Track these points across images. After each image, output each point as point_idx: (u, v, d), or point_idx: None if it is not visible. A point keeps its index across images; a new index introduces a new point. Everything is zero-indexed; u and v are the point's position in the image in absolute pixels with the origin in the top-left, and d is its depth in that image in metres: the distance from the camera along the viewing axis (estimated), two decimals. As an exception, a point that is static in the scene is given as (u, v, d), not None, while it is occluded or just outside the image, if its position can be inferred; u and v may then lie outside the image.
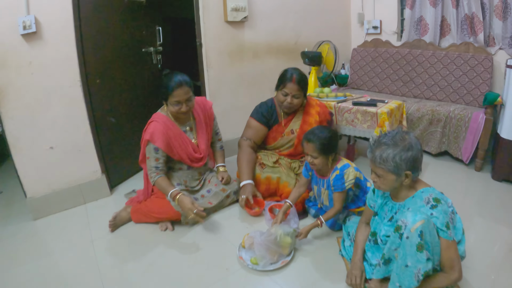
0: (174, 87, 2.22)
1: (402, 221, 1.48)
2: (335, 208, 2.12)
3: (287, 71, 2.56)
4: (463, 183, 2.97)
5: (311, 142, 2.09)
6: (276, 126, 2.70)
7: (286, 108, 2.60)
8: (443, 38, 3.76)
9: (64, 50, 2.41)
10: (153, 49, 3.18)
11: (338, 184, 2.11)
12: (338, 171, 2.12)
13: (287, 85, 2.51)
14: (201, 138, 2.53)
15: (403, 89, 3.87)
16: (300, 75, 2.54)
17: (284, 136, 2.70)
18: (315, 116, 2.68)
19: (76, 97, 2.52)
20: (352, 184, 2.13)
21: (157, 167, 2.31)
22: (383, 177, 1.62)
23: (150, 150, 2.29)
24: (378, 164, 1.60)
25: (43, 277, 1.96)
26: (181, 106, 2.28)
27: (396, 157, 1.54)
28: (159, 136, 2.27)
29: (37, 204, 2.51)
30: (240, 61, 3.46)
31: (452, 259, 1.53)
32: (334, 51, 3.53)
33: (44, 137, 2.45)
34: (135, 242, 2.27)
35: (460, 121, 3.09)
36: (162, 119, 2.33)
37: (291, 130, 2.69)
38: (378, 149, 1.60)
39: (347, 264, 1.99)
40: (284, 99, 2.54)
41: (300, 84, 2.51)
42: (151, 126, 2.30)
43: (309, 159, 2.13)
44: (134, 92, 3.04)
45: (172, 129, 2.35)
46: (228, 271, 1.99)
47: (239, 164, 2.63)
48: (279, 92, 2.57)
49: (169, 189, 2.25)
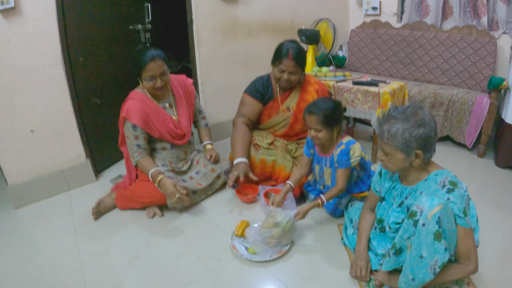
0: (147, 61, 2.12)
1: (417, 206, 1.33)
2: (338, 187, 1.99)
3: (283, 45, 2.39)
4: (466, 169, 2.88)
5: (313, 114, 1.96)
6: (272, 103, 2.56)
7: (283, 86, 2.47)
8: (445, 20, 3.64)
9: (44, 27, 2.27)
10: (141, 26, 3.02)
11: (343, 159, 1.99)
12: (344, 146, 2.01)
13: (283, 61, 2.35)
14: (182, 115, 2.43)
15: (403, 72, 3.74)
16: (297, 50, 2.37)
17: (280, 114, 2.55)
18: (313, 94, 2.53)
19: (57, 77, 2.38)
20: (358, 162, 2.01)
21: (138, 145, 2.21)
22: (390, 155, 1.46)
23: (128, 128, 2.19)
24: (386, 139, 1.44)
25: (25, 268, 1.86)
26: (156, 81, 2.19)
27: (405, 133, 1.38)
28: (135, 112, 2.17)
29: (19, 191, 2.41)
30: (233, 39, 3.31)
31: (469, 249, 1.41)
32: (333, 30, 3.38)
33: (24, 120, 2.32)
34: (120, 230, 2.15)
35: (463, 105, 2.97)
36: (138, 96, 2.25)
37: (287, 107, 2.55)
38: (387, 123, 1.44)
39: (350, 254, 1.85)
40: (281, 76, 2.40)
41: (297, 60, 2.35)
42: (127, 103, 2.22)
43: (312, 133, 2.00)
44: (120, 72, 2.89)
45: (149, 105, 2.25)
46: (219, 262, 1.86)
47: (233, 143, 2.47)
48: (275, 68, 2.42)
49: (150, 169, 2.15)
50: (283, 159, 2.47)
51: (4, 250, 2.01)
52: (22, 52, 2.20)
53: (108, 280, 1.76)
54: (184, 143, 2.42)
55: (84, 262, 1.88)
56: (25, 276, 1.80)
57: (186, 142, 2.43)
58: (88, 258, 1.91)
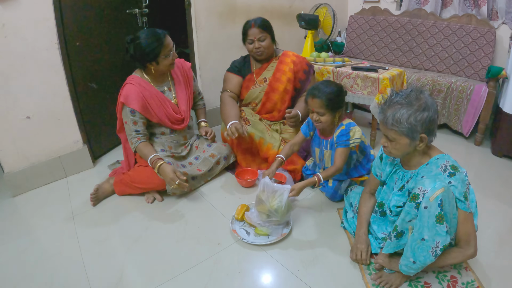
0: (162, 38, 2.12)
1: (420, 189, 1.33)
2: (336, 165, 1.98)
3: (248, 21, 2.56)
4: (463, 157, 2.88)
5: (317, 97, 1.93)
6: (249, 75, 2.67)
7: (258, 55, 2.57)
8: (445, 8, 3.62)
9: (40, 10, 2.20)
10: (138, 10, 2.96)
11: (342, 139, 1.98)
12: (344, 127, 2.00)
13: (249, 32, 2.51)
14: (181, 99, 2.41)
15: (401, 59, 3.73)
16: (259, 19, 2.53)
17: (257, 85, 2.64)
18: (290, 64, 2.61)
19: (53, 61, 2.33)
20: (357, 144, 2.01)
21: (137, 130, 2.19)
22: (395, 141, 1.45)
23: (127, 113, 2.16)
24: (390, 126, 1.42)
25: (23, 256, 1.83)
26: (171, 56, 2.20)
27: (411, 118, 1.37)
28: (134, 97, 2.14)
29: (16, 179, 2.36)
30: (232, 23, 3.27)
31: (469, 233, 1.42)
32: (333, 15, 3.34)
33: (20, 106, 2.26)
34: (119, 216, 2.13)
35: (461, 93, 2.97)
36: (136, 81, 2.21)
37: (264, 78, 2.64)
38: (391, 109, 1.42)
39: (350, 237, 1.86)
40: (252, 47, 2.54)
41: (261, 26, 2.50)
42: (125, 88, 2.18)
43: (315, 116, 1.98)
44: (117, 56, 2.83)
45: (148, 89, 2.22)
46: (220, 246, 1.86)
47: (223, 112, 2.56)
48: (246, 44, 2.57)
49: (150, 155, 2.13)
50: (271, 137, 2.50)
51: (2, 238, 1.98)
52: (18, 37, 2.15)
53: (109, 266, 1.75)
54: (183, 127, 2.40)
55: (83, 248, 1.86)
56: (24, 264, 1.77)
57: (185, 126, 2.41)
58: (88, 245, 1.89)
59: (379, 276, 1.59)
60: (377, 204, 1.70)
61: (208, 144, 2.50)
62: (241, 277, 1.66)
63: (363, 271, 1.65)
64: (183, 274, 1.68)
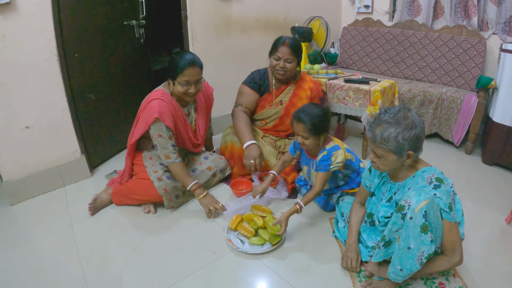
0: (186, 66, 2.07)
1: (405, 200, 1.39)
2: (314, 190, 1.98)
3: (281, 37, 2.50)
4: (454, 166, 2.94)
5: (301, 121, 1.96)
6: (267, 95, 2.63)
7: (279, 74, 2.51)
8: (436, 20, 3.69)
9: (40, 22, 2.23)
10: (135, 22, 3.00)
11: (323, 164, 1.99)
12: (326, 152, 2.00)
13: (280, 49, 2.44)
14: (200, 124, 2.43)
15: (393, 70, 3.80)
16: (293, 40, 2.48)
17: (273, 106, 2.62)
18: (307, 91, 2.60)
19: (52, 73, 2.35)
20: (340, 167, 2.02)
21: (174, 145, 2.17)
22: (383, 158, 1.50)
23: (161, 128, 2.11)
24: (379, 144, 1.48)
25: (23, 265, 1.84)
26: (190, 87, 2.13)
27: (398, 137, 1.42)
28: (168, 115, 2.11)
29: (14, 188, 2.37)
30: (227, 36, 3.33)
31: (454, 242, 1.47)
32: (326, 27, 3.42)
33: (19, 116, 2.29)
34: (117, 226, 2.16)
35: (452, 103, 3.03)
36: (167, 98, 2.16)
37: (280, 101, 2.62)
38: (379, 127, 1.48)
39: (341, 246, 1.91)
40: (277, 64, 2.47)
41: (293, 48, 2.44)
42: (157, 103, 2.10)
43: (300, 139, 2.01)
44: (115, 68, 2.88)
45: (177, 110, 2.21)
46: (216, 255, 1.90)
47: (237, 129, 2.54)
48: (272, 57, 2.50)
49: (189, 181, 2.19)
50: (268, 154, 2.55)
51: (1, 247, 1.98)
52: (17, 48, 2.17)
53: (108, 274, 1.77)
54: (198, 151, 2.44)
55: (82, 257, 1.88)
56: (23, 273, 1.78)
57: (199, 151, 2.46)
58: (87, 254, 1.91)
59: (369, 283, 1.64)
60: (367, 214, 1.76)
61: (204, 156, 2.52)
62: (237, 285, 1.71)
63: (354, 278, 1.70)
64: (180, 282, 1.71)
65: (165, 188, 2.18)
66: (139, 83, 2.36)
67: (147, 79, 3.27)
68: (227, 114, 2.74)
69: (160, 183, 2.18)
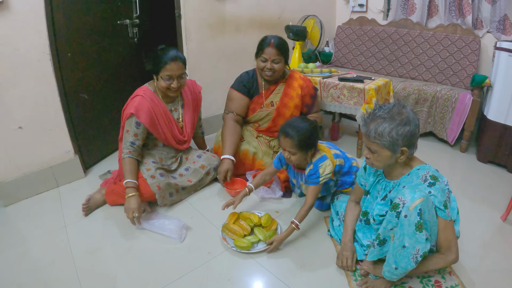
0: (168, 61, 2.13)
1: (400, 198, 1.38)
2: (307, 204, 1.93)
3: (266, 37, 2.47)
4: (448, 164, 2.95)
5: (288, 137, 1.89)
6: (257, 97, 2.61)
7: (267, 76, 2.49)
8: (431, 18, 3.69)
9: (32, 22, 2.21)
10: (129, 21, 2.98)
11: (311, 178, 1.95)
12: (312, 166, 1.95)
13: (266, 50, 2.42)
14: (187, 121, 2.43)
15: (388, 68, 3.80)
16: (279, 40, 2.45)
17: (264, 108, 2.60)
18: (297, 90, 2.58)
19: (45, 72, 2.33)
20: (329, 177, 1.97)
21: (133, 143, 2.18)
22: (377, 153, 1.50)
23: (131, 124, 2.16)
24: (373, 139, 1.47)
25: (16, 267, 1.83)
26: (172, 82, 2.18)
27: (392, 132, 1.42)
28: (145, 111, 2.16)
29: (8, 189, 2.35)
30: (221, 35, 3.32)
31: (449, 240, 1.46)
32: (320, 26, 3.41)
33: (12, 117, 2.26)
34: (111, 226, 2.14)
35: (446, 101, 3.04)
36: (148, 95, 2.21)
37: (271, 102, 2.59)
38: (373, 122, 1.47)
39: (336, 245, 1.91)
40: (264, 66, 2.45)
41: (279, 48, 2.41)
42: (136, 100, 2.17)
43: (286, 154, 1.95)
44: (108, 67, 2.86)
45: (158, 106, 2.24)
46: (210, 255, 1.89)
47: (222, 138, 2.52)
48: (259, 59, 2.48)
49: (128, 177, 2.13)
50: (264, 154, 2.55)
51: None
52: (10, 47, 2.15)
53: (102, 275, 1.76)
54: (184, 148, 2.45)
55: (76, 258, 1.86)
56: (17, 274, 1.77)
57: (186, 148, 2.46)
58: (81, 254, 1.89)
59: (364, 282, 1.64)
60: (362, 213, 1.76)
61: (198, 155, 2.52)
62: (231, 285, 1.70)
63: (349, 277, 1.70)
64: (174, 283, 1.70)
65: (158, 185, 2.18)
66: (133, 82, 2.35)
67: (141, 79, 3.24)
68: (220, 114, 2.73)
69: (153, 180, 2.18)
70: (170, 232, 1.98)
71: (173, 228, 1.98)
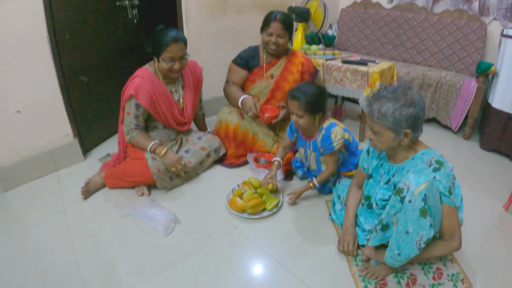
0: (170, 42, 2.08)
1: (404, 183, 1.35)
2: (329, 170, 2.01)
3: (272, 12, 2.50)
4: (451, 151, 2.92)
5: (296, 99, 1.91)
6: (257, 69, 2.64)
7: (272, 50, 2.54)
8: (436, 3, 3.62)
9: (29, 4, 2.15)
10: (128, 2, 2.93)
11: (326, 144, 1.97)
12: (324, 131, 1.98)
13: (271, 25, 2.45)
14: (188, 102, 2.41)
15: (392, 53, 3.75)
16: (284, 15, 2.48)
17: (263, 79, 2.62)
18: (298, 66, 2.61)
19: (43, 55, 2.29)
20: (342, 144, 1.99)
21: (137, 124, 2.19)
22: (380, 134, 1.46)
23: (131, 106, 2.14)
24: (376, 119, 1.43)
25: (15, 251, 1.81)
26: (174, 63, 2.14)
27: (396, 113, 1.38)
28: (144, 92, 2.12)
29: (7, 174, 2.32)
30: (222, 15, 3.26)
31: (453, 227, 1.44)
32: (324, 8, 3.35)
33: (10, 101, 2.22)
34: (110, 209, 2.12)
35: (451, 87, 3.00)
36: (148, 76, 2.17)
37: (271, 74, 2.63)
38: (377, 102, 1.43)
39: (338, 229, 1.89)
40: (269, 39, 2.49)
41: (284, 23, 2.45)
42: (136, 81, 2.14)
43: (294, 118, 1.98)
44: (107, 49, 2.82)
45: (158, 87, 2.20)
46: (210, 238, 1.87)
47: (231, 95, 2.62)
48: (264, 33, 2.52)
49: (148, 142, 2.18)
50: (264, 135, 2.56)
51: None
52: (6, 30, 2.10)
53: (101, 258, 1.75)
54: (185, 130, 2.43)
55: (75, 242, 1.85)
56: (16, 258, 1.75)
57: (186, 129, 2.45)
58: (80, 238, 1.87)
59: (365, 268, 1.62)
60: (364, 197, 1.73)
61: (198, 136, 2.50)
62: (231, 268, 1.68)
63: (350, 262, 1.68)
64: (174, 266, 1.69)
65: (158, 168, 2.16)
66: (132, 64, 2.31)
67: (141, 61, 3.19)
68: (222, 95, 2.70)
69: (154, 162, 2.16)
70: (157, 224, 1.93)
71: (162, 220, 1.93)
